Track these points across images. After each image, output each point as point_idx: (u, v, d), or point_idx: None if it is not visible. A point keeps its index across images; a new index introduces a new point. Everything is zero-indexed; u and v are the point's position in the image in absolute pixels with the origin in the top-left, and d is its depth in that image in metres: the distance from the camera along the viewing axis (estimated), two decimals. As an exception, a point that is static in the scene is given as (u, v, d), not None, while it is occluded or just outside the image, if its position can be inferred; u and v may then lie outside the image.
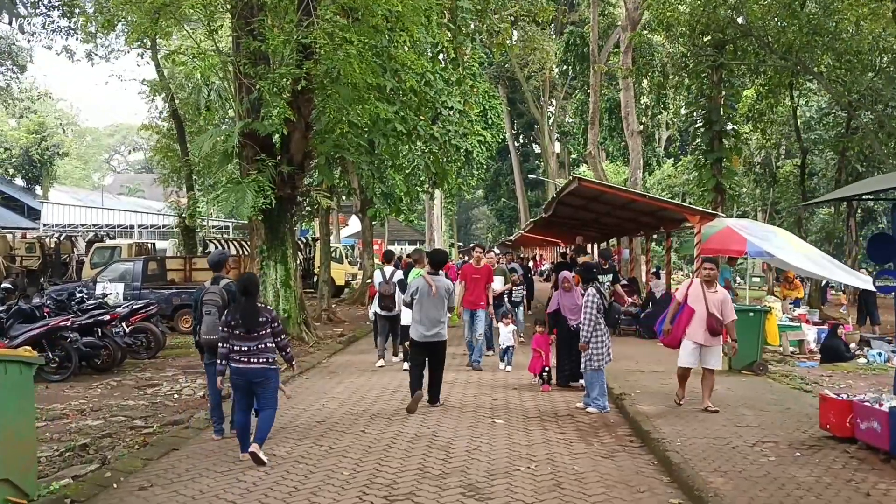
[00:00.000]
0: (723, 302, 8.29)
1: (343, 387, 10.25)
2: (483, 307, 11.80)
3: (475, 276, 11.94)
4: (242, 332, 6.36)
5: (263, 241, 13.98)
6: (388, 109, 13.95)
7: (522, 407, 8.96)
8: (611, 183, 18.66)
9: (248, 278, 6.64)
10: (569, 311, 9.83)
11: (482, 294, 11.87)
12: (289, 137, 13.94)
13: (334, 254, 28.78)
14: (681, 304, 8.51)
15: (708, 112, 21.32)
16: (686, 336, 8.37)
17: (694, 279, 9.14)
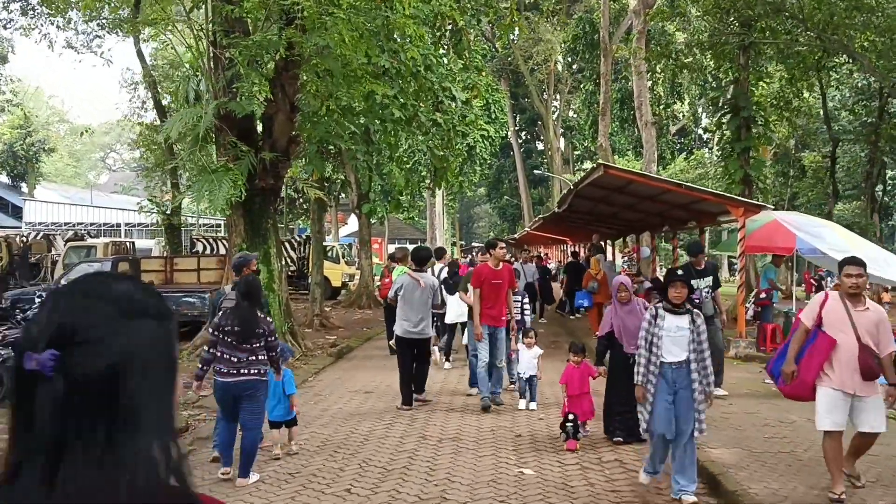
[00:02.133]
0: (879, 325, 5.46)
1: (328, 417, 8.44)
2: (504, 324, 8.85)
3: (495, 280, 8.77)
4: (234, 341, 5.87)
5: (243, 239, 12.21)
6: (384, 89, 12.18)
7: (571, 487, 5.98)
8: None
9: (251, 282, 6.15)
10: (630, 334, 6.85)
11: (504, 306, 8.84)
12: (271, 120, 12.20)
13: (330, 253, 27.09)
14: (811, 331, 5.64)
15: (734, 97, 19.57)
16: (824, 381, 5.46)
17: (829, 291, 6.27)
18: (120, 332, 1.03)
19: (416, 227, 61.67)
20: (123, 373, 1.01)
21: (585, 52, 33.37)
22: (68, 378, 0.97)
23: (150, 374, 1.05)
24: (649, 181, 11.86)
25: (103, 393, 0.99)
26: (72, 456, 0.97)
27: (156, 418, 1.04)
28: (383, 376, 10.98)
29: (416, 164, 25.39)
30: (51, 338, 0.99)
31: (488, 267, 8.95)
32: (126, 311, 1.05)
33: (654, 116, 27.85)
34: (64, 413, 0.97)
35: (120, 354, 1.01)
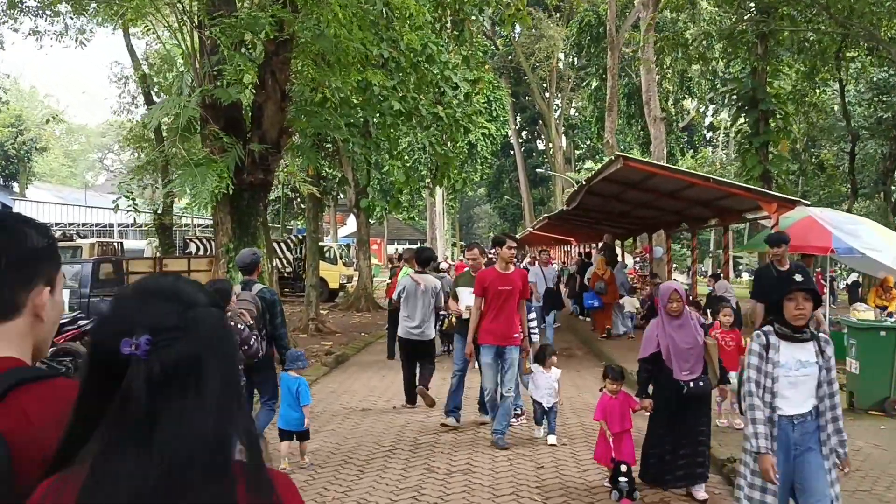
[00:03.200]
0: None
1: (319, 440, 7.44)
2: (517, 342, 7.09)
3: (503, 287, 7.02)
4: None
5: (230, 238, 11.22)
6: (381, 78, 11.26)
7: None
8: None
9: (219, 288, 5.36)
10: (682, 356, 5.45)
11: (515, 319, 7.10)
12: (261, 110, 11.20)
13: (328, 254, 26.17)
14: None
15: (752, 90, 18.62)
16: None
17: None
18: (198, 319, 1.17)
19: (415, 228, 60.80)
20: (203, 356, 1.15)
21: (591, 45, 32.39)
22: (161, 360, 1.11)
23: (222, 356, 1.19)
24: (673, 174, 10.88)
25: (188, 373, 1.13)
26: (162, 428, 1.09)
27: (230, 397, 1.17)
28: (382, 388, 10.02)
29: (416, 163, 24.47)
30: (146, 326, 1.12)
31: (494, 270, 7.16)
32: (195, 302, 1.20)
33: (662, 112, 26.92)
34: (155, 391, 1.10)
35: (199, 339, 1.16)
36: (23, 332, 1.38)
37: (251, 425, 1.24)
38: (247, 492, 1.13)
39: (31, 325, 1.40)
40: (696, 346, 5.48)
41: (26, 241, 1.39)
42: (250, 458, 1.17)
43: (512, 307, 7.07)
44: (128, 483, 1.07)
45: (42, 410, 1.27)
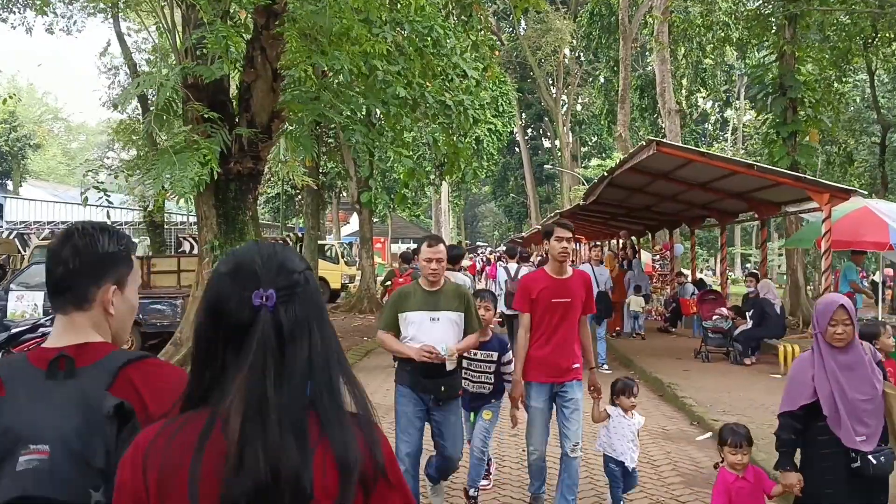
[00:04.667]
0: None
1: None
2: (578, 375, 5.04)
3: (558, 299, 4.97)
4: None
5: (215, 235, 10.10)
6: (382, 46, 10.10)
7: None
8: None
9: None
10: (853, 412, 3.52)
11: (575, 344, 5.04)
12: (249, 91, 10.08)
13: (329, 252, 25.04)
14: None
15: (780, 76, 17.41)
16: None
17: None
18: (307, 280, 1.38)
19: (420, 226, 59.65)
20: (313, 309, 1.36)
21: (601, 36, 31.17)
22: (285, 311, 1.31)
23: (324, 310, 1.40)
24: (712, 161, 9.69)
25: (304, 323, 1.33)
26: (292, 368, 1.29)
27: (335, 342, 1.39)
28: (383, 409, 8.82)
29: (421, 159, 23.35)
30: (269, 283, 1.31)
31: (545, 274, 5.03)
32: (300, 266, 1.39)
33: (676, 104, 25.75)
34: (283, 337, 1.29)
35: (308, 296, 1.36)
36: (98, 322, 1.70)
37: (353, 376, 1.40)
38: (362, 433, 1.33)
39: (104, 317, 1.71)
40: (874, 396, 3.56)
41: (97, 246, 1.71)
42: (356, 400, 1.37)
43: (571, 327, 4.97)
44: (275, 417, 1.23)
45: (146, 383, 1.61)
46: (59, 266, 1.68)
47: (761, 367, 10.51)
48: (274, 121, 10.24)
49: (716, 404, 7.95)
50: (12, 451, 1.44)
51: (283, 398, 1.25)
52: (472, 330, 4.80)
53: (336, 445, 1.27)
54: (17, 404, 1.51)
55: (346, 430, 1.29)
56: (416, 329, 4.67)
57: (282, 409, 1.24)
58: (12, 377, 1.57)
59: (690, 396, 8.26)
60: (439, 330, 4.65)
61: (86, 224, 1.75)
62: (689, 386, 8.92)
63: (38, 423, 1.47)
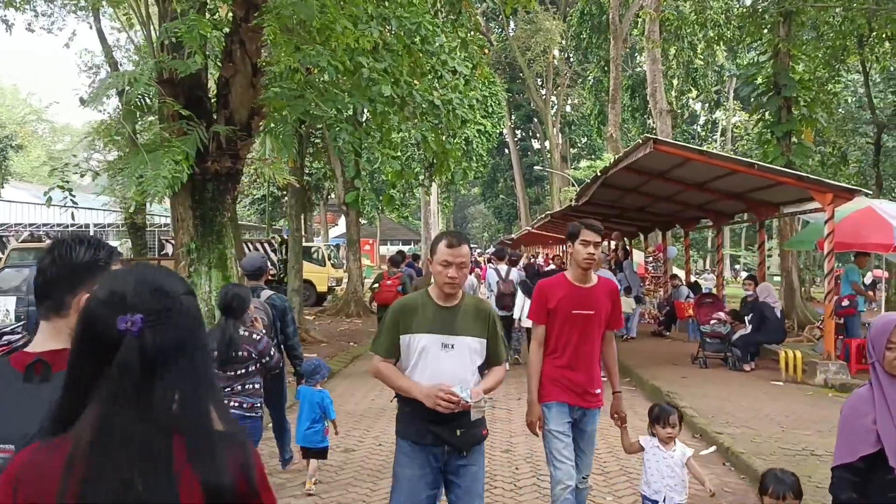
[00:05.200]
0: None
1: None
2: (599, 402, 4.39)
3: (580, 310, 4.25)
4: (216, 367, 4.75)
5: (192, 237, 9.62)
6: (367, 40, 9.69)
7: None
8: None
9: (233, 292, 5.02)
10: None
11: (596, 363, 4.38)
12: (227, 86, 9.62)
13: (315, 255, 24.60)
14: None
15: (774, 74, 17.11)
16: None
17: None
18: (182, 304, 1.36)
19: (409, 228, 59.25)
20: (185, 337, 1.33)
21: (592, 36, 30.82)
22: (152, 337, 1.28)
23: (200, 338, 1.38)
24: (711, 160, 9.31)
25: (173, 351, 1.30)
26: (154, 396, 1.26)
27: (207, 371, 1.37)
28: (371, 418, 8.41)
29: (410, 160, 22.92)
30: (138, 307, 1.29)
31: (565, 280, 4.31)
32: (178, 291, 1.37)
33: (668, 105, 25.43)
34: (146, 364, 1.27)
35: (182, 323, 1.34)
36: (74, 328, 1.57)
37: (223, 399, 1.39)
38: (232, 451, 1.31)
39: None
40: None
41: (73, 256, 1.79)
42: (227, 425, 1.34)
43: (593, 343, 4.28)
44: (127, 444, 1.21)
45: None
46: (39, 275, 1.79)
47: (761, 373, 10.14)
48: (254, 118, 9.78)
49: (718, 415, 7.56)
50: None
51: (144, 424, 1.24)
52: (497, 360, 3.61)
53: (202, 471, 1.26)
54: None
55: (216, 455, 1.29)
56: (421, 358, 3.44)
57: (141, 436, 1.23)
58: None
59: (691, 406, 7.86)
60: (454, 361, 3.43)
61: (68, 235, 1.85)
62: (688, 394, 8.52)
63: (7, 424, 1.55)
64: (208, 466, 1.26)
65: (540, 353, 4.28)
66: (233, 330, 4.76)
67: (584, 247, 4.12)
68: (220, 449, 1.30)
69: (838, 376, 9.06)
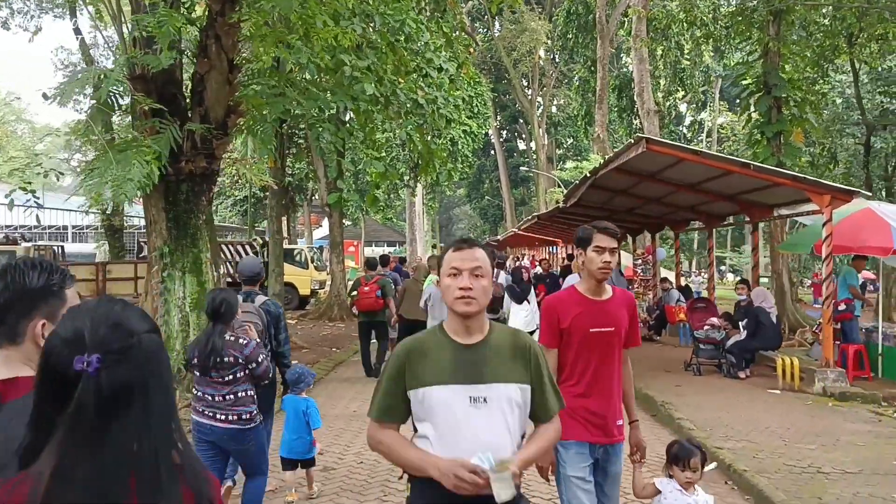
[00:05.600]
0: None
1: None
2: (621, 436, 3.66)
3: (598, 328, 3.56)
4: (201, 374, 4.65)
5: (165, 241, 9.21)
6: (350, 38, 9.31)
7: None
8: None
9: (221, 297, 4.72)
10: None
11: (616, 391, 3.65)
12: (202, 83, 9.22)
13: (298, 257, 24.15)
14: None
15: (764, 74, 16.87)
16: None
17: None
18: (141, 343, 1.34)
19: (394, 229, 58.84)
20: (145, 376, 1.32)
21: (578, 36, 30.55)
22: (108, 377, 1.27)
23: (160, 377, 1.36)
24: (705, 160, 8.98)
25: (131, 391, 1.29)
26: (111, 437, 1.25)
27: (167, 411, 1.36)
28: (350, 434, 7.99)
29: (395, 160, 22.53)
30: (95, 346, 1.28)
31: (577, 295, 3.62)
32: (138, 329, 1.36)
33: (655, 105, 25.20)
34: (103, 405, 1.26)
35: (142, 362, 1.33)
36: (31, 355, 1.68)
37: (184, 437, 1.38)
38: (189, 488, 1.32)
39: (36, 350, 1.64)
40: None
41: (26, 281, 1.74)
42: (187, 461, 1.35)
43: (613, 365, 3.59)
44: (82, 483, 1.22)
45: None
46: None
47: (757, 380, 9.82)
48: (230, 116, 9.39)
49: (716, 427, 7.21)
50: None
51: (99, 464, 1.25)
52: (545, 415, 2.62)
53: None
54: None
55: (167, 493, 1.29)
56: (441, 420, 2.48)
57: (96, 476, 1.24)
58: None
59: (687, 418, 7.51)
60: (487, 422, 2.46)
61: (20, 260, 1.81)
62: (683, 405, 8.17)
63: None
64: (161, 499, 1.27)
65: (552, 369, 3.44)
66: (217, 336, 4.60)
67: (598, 254, 3.47)
68: (173, 485, 1.29)
69: (837, 384, 8.75)
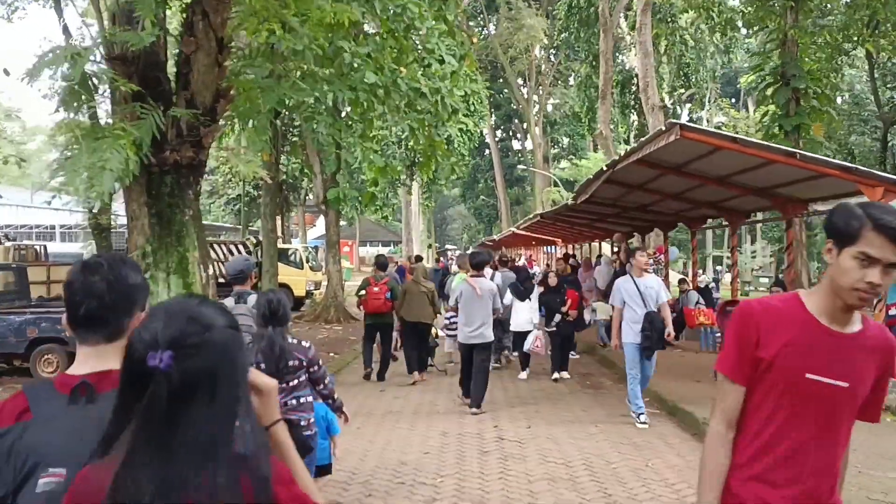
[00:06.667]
0: None
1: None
2: None
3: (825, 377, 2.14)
4: None
5: (147, 238, 8.34)
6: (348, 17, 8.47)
7: None
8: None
9: (276, 298, 4.55)
10: None
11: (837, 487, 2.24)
12: (188, 64, 8.35)
13: (292, 257, 23.31)
14: None
15: (783, 64, 16.11)
16: None
17: None
18: (213, 337, 1.38)
19: (389, 229, 58.05)
20: (217, 371, 1.36)
21: (580, 30, 29.75)
22: (180, 372, 1.32)
23: (232, 372, 1.40)
24: (746, 149, 8.13)
25: (202, 385, 1.34)
26: (181, 430, 1.31)
27: (237, 406, 1.39)
28: (349, 437, 7.18)
29: (391, 158, 21.74)
30: (168, 343, 1.33)
31: (801, 310, 2.18)
32: (213, 324, 1.40)
33: (660, 101, 24.41)
34: (174, 398, 1.31)
35: (214, 357, 1.37)
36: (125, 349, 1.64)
37: (256, 429, 1.43)
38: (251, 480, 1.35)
39: None
40: None
41: (128, 279, 1.77)
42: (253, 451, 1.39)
43: (837, 439, 2.20)
44: (148, 472, 1.28)
45: None
46: (91, 300, 1.72)
47: (796, 391, 9.03)
48: (219, 101, 8.51)
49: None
50: (33, 472, 1.53)
51: (162, 454, 1.30)
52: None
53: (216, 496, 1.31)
54: (41, 428, 1.58)
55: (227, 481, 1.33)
56: None
57: (159, 466, 1.29)
58: (38, 402, 1.66)
59: (736, 437, 6.66)
60: None
61: (108, 256, 1.82)
62: (727, 421, 7.34)
63: (57, 447, 1.56)
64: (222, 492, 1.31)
65: (725, 442, 2.23)
66: (281, 339, 4.47)
67: (861, 266, 2.04)
68: (231, 474, 1.33)
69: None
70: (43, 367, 10.78)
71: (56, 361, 10.77)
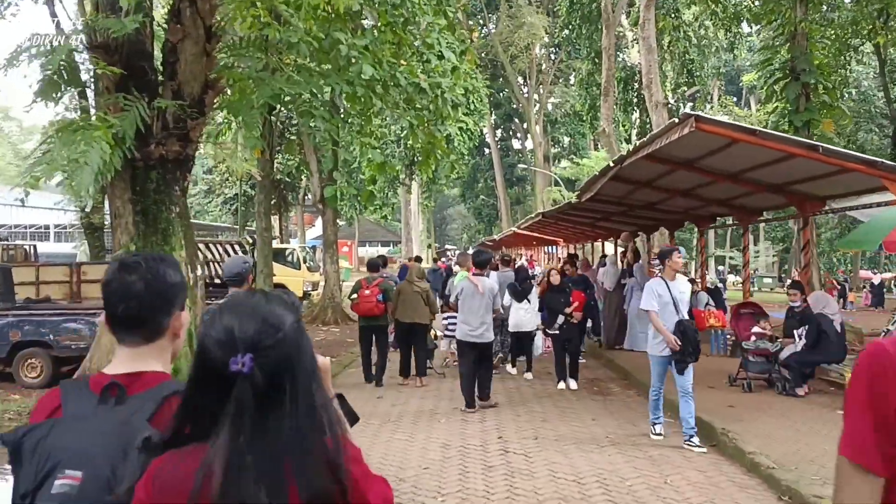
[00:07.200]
0: None
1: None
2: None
3: None
4: None
5: (132, 237, 7.90)
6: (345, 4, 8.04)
7: None
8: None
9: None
10: None
11: None
12: (175, 53, 7.92)
13: (290, 257, 22.86)
14: None
15: (792, 59, 15.68)
16: None
17: None
18: (287, 335, 1.40)
19: (388, 229, 57.62)
20: (294, 366, 1.40)
21: (581, 26, 29.28)
22: (262, 373, 1.34)
23: (307, 363, 1.44)
24: (766, 142, 7.67)
25: (283, 380, 1.37)
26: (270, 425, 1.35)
27: (316, 390, 1.43)
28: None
29: (390, 157, 21.31)
30: (247, 346, 1.35)
31: None
32: (284, 321, 1.42)
33: (664, 98, 23.94)
34: (260, 397, 1.34)
35: (290, 352, 1.40)
36: (164, 348, 1.75)
37: (334, 416, 1.47)
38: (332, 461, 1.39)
39: (170, 341, 1.76)
40: None
41: (167, 278, 1.72)
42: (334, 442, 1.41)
43: None
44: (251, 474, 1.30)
45: None
46: (131, 300, 1.70)
47: (817, 398, 8.53)
48: (208, 92, 8.09)
49: (802, 464, 5.75)
50: (52, 473, 1.50)
51: (260, 455, 1.33)
52: None
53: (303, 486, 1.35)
54: (66, 428, 1.56)
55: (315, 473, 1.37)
56: None
57: (257, 464, 1.32)
58: (70, 400, 1.64)
59: (761, 451, 6.11)
60: None
61: (147, 256, 1.78)
62: (748, 432, 6.82)
63: (78, 448, 1.52)
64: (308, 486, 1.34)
65: None
66: None
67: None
68: (319, 465, 1.37)
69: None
70: (26, 372, 10.33)
71: (40, 366, 10.32)
